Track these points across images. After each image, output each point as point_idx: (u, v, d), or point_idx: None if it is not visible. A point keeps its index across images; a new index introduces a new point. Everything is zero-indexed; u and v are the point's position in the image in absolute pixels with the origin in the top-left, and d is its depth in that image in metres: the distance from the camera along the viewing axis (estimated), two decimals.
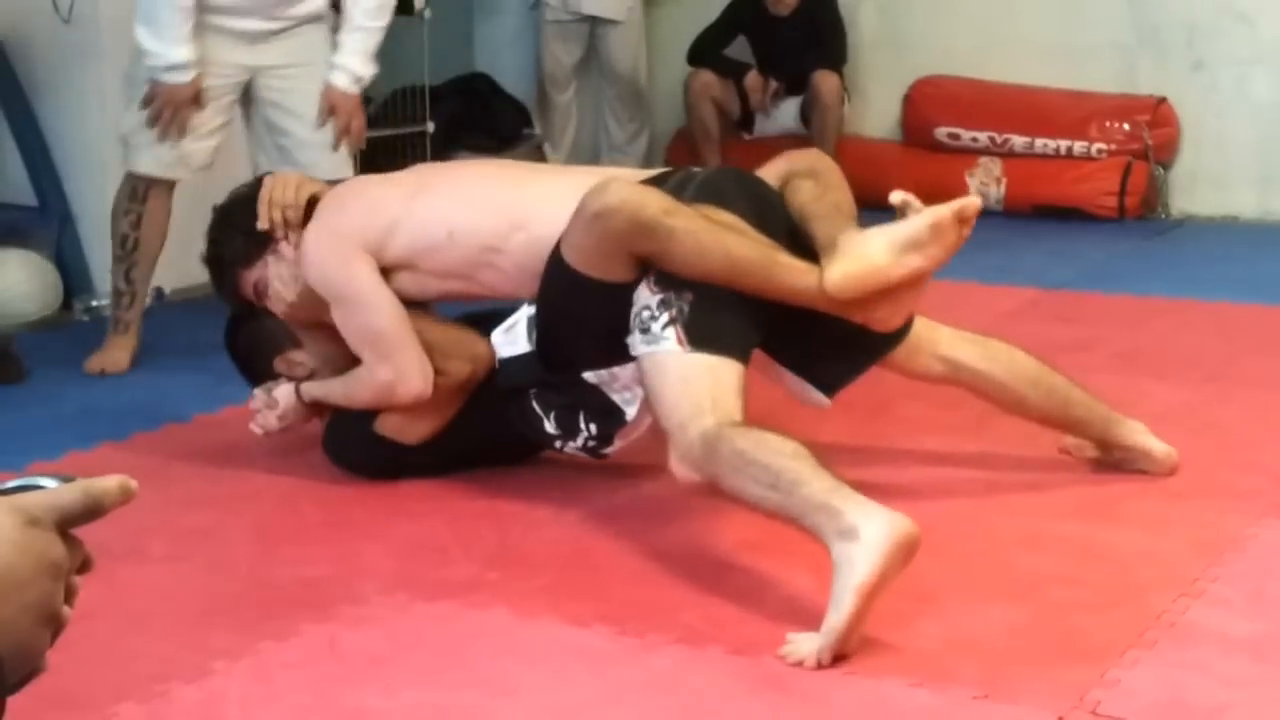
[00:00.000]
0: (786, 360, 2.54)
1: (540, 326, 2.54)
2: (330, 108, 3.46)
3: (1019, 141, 5.48)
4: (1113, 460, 2.75)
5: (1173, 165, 5.55)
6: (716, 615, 2.16)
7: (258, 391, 2.81)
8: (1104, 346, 3.70)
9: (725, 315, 2.35)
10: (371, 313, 2.62)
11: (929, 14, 5.81)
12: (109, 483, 0.76)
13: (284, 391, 2.78)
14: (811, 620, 2.16)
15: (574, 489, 2.69)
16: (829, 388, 2.59)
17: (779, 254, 2.37)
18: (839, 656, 2.01)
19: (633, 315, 2.38)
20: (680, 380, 2.30)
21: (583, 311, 2.45)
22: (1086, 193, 5.39)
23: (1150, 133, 5.39)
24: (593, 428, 2.54)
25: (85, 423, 3.13)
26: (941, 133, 5.58)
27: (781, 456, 2.13)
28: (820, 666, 2.01)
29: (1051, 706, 1.87)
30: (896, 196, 2.36)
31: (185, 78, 3.39)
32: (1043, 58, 5.59)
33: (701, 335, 2.32)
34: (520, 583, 2.30)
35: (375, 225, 2.64)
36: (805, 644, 2.04)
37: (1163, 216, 5.51)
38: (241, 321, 2.88)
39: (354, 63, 3.46)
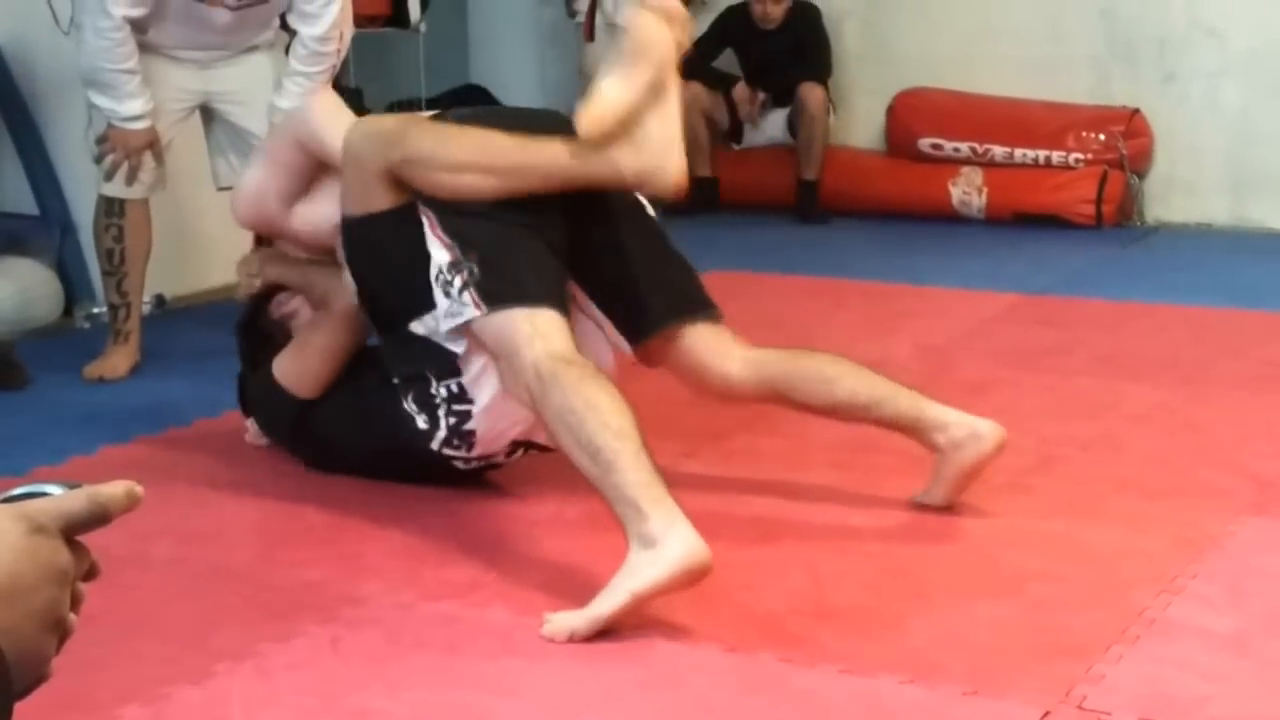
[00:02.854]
0: (599, 299, 2.55)
1: (359, 293, 2.57)
2: None
3: (999, 151, 5.55)
4: (942, 454, 2.53)
5: (1147, 174, 5.62)
6: (713, 614, 2.20)
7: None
8: (1083, 350, 3.76)
9: (516, 266, 2.38)
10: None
11: (911, 28, 5.87)
12: (115, 489, 0.76)
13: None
14: (804, 618, 2.21)
15: (571, 489, 2.71)
16: (635, 334, 2.58)
17: (531, 137, 2.39)
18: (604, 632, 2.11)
19: (432, 274, 2.41)
20: (496, 329, 2.35)
21: (379, 254, 2.49)
22: (1065, 201, 5.46)
23: (1125, 143, 5.47)
24: (443, 389, 2.52)
25: (87, 428, 3.15)
26: (924, 143, 5.64)
27: (606, 431, 2.15)
28: (572, 640, 2.10)
29: (1039, 702, 1.92)
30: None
31: (140, 126, 3.46)
32: (1021, 70, 5.67)
33: (496, 292, 2.36)
34: (520, 582, 2.33)
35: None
36: (563, 620, 2.12)
37: (1138, 224, 5.59)
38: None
39: (294, 106, 3.49)
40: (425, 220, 2.42)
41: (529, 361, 2.27)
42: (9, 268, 3.92)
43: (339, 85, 5.64)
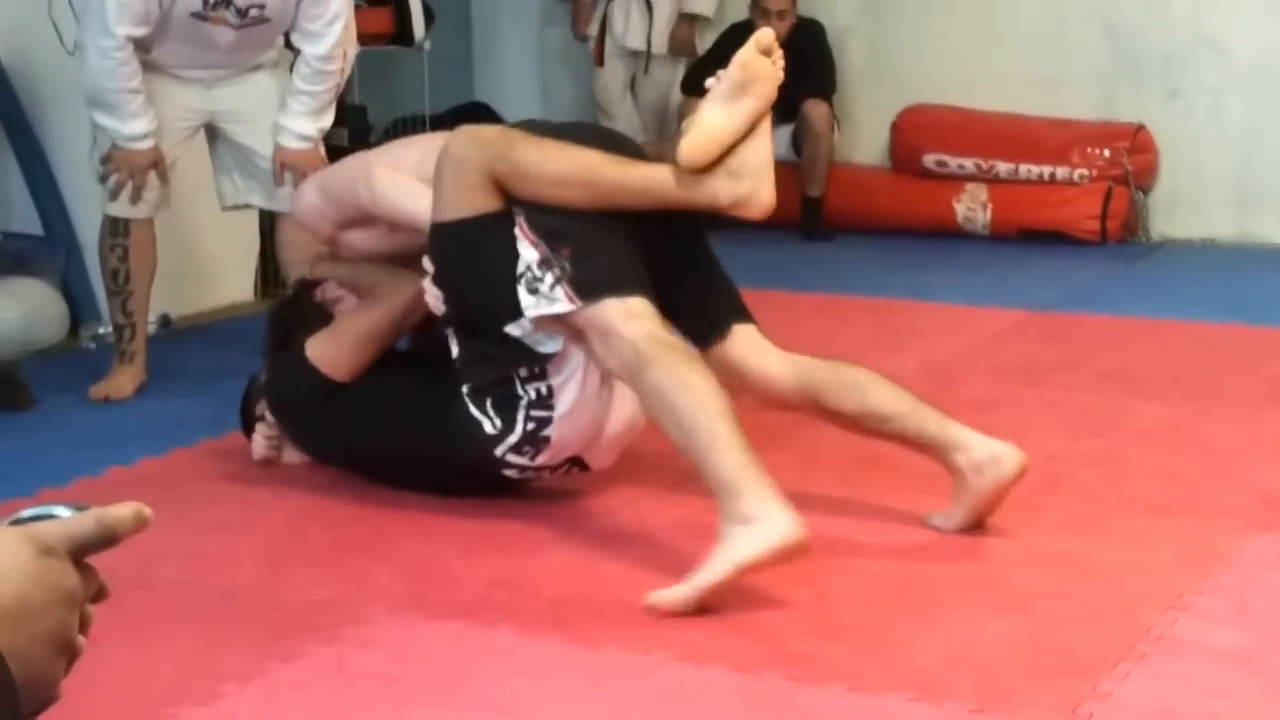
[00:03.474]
0: (669, 302, 2.60)
1: (450, 304, 2.60)
2: (283, 165, 3.53)
3: (1004, 168, 5.56)
4: (961, 475, 2.54)
5: (1152, 190, 5.63)
6: (719, 633, 2.20)
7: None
8: (1089, 366, 3.76)
9: (606, 258, 2.47)
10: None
11: (915, 44, 5.88)
12: (123, 511, 0.76)
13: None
14: (811, 636, 2.21)
15: (578, 509, 2.73)
16: (702, 337, 2.65)
17: (626, 158, 2.52)
18: (704, 609, 2.21)
19: (518, 271, 2.48)
20: (589, 317, 2.43)
21: (473, 256, 2.54)
22: (1070, 217, 5.47)
23: (1130, 158, 5.47)
24: (531, 390, 2.57)
25: (93, 449, 3.15)
26: (929, 159, 5.65)
27: (704, 412, 2.28)
28: (683, 613, 2.20)
29: None
30: (710, 80, 2.53)
31: (144, 145, 3.46)
32: (1025, 87, 5.67)
33: (589, 285, 2.44)
34: (526, 602, 2.33)
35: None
36: (667, 594, 2.22)
37: (1143, 239, 5.59)
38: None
39: (298, 124, 3.53)
40: (516, 220, 2.51)
41: (628, 339, 2.37)
42: (14, 288, 3.93)
43: (343, 102, 5.65)
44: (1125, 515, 2.69)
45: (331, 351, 2.81)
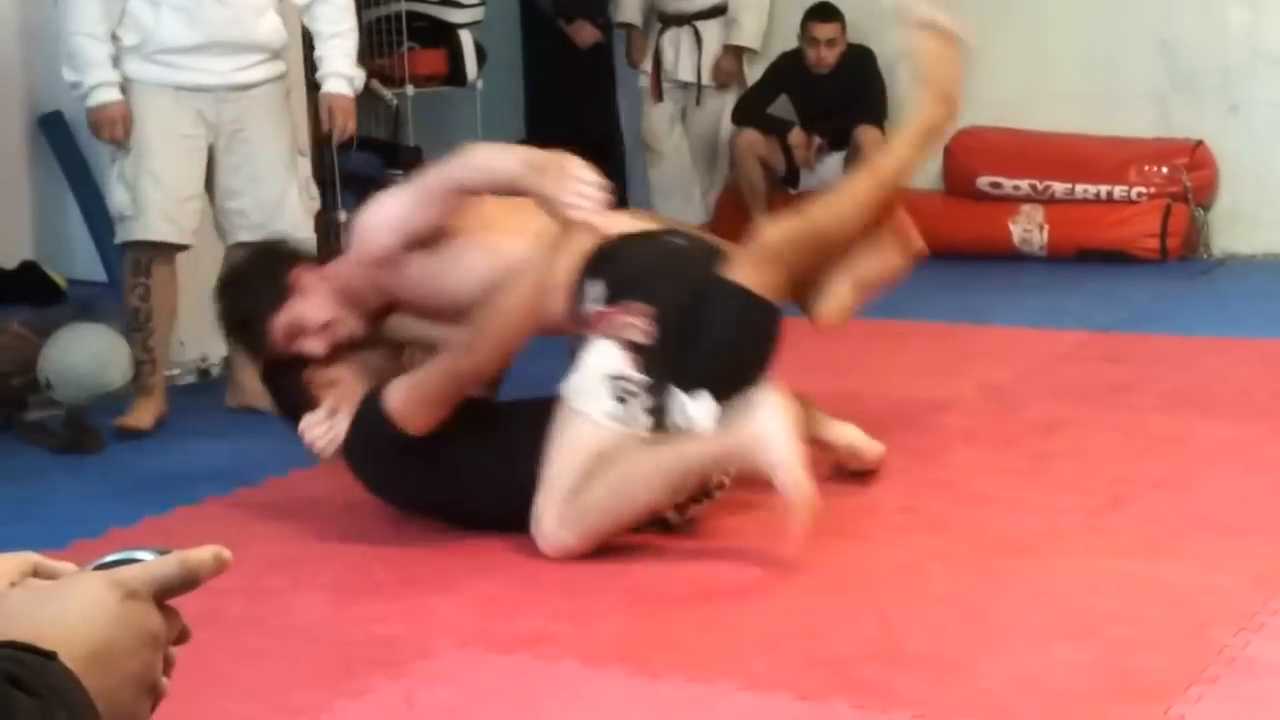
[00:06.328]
0: None
1: None
2: (329, 111, 3.69)
3: (1060, 188, 5.51)
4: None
5: (1212, 206, 5.56)
6: (783, 662, 2.19)
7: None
8: (1153, 386, 3.71)
9: None
10: None
11: (967, 66, 5.85)
12: (204, 554, 0.77)
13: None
14: (876, 664, 2.19)
15: (638, 539, 2.73)
16: None
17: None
18: None
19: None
20: None
21: None
22: (1128, 235, 5.41)
23: (1189, 175, 5.41)
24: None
25: (160, 489, 3.20)
26: (983, 182, 5.62)
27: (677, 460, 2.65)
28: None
29: None
30: None
31: (110, 96, 3.51)
32: (1080, 106, 5.63)
33: None
34: (588, 633, 2.34)
35: None
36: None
37: (1204, 256, 5.51)
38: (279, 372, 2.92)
39: (340, 65, 3.67)
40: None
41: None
42: (81, 334, 3.99)
43: (397, 144, 5.69)
44: (1194, 536, 2.65)
45: (412, 407, 2.67)
